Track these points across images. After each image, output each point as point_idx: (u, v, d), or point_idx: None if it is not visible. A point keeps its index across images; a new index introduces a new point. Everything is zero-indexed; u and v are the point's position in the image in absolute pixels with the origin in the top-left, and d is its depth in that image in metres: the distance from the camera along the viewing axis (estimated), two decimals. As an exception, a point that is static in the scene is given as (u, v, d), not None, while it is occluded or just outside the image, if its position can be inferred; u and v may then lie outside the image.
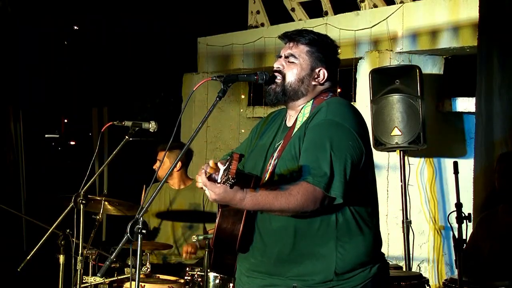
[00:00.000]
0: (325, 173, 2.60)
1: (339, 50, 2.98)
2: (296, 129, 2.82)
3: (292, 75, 2.86)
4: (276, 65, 2.90)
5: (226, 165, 2.47)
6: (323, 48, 2.89)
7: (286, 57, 2.88)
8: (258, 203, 2.57)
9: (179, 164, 5.32)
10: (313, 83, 2.87)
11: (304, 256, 2.73)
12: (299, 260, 2.74)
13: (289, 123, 2.91)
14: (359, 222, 2.77)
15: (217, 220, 2.75)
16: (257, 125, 3.12)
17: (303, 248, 2.73)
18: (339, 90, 5.66)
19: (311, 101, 2.87)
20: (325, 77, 2.88)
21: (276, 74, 2.87)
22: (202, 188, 2.61)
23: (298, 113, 2.87)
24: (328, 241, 2.72)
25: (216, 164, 2.65)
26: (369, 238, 2.80)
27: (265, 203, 2.56)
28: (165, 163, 5.23)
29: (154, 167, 5.33)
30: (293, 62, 2.86)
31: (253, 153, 2.96)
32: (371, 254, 2.79)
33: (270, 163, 2.81)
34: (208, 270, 4.30)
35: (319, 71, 2.87)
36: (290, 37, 2.91)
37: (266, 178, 2.79)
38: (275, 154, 2.82)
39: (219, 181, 2.50)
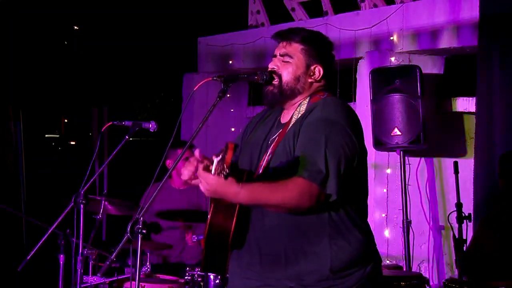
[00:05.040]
0: (321, 170, 2.60)
1: (333, 46, 2.97)
2: (291, 125, 2.82)
3: (288, 75, 2.85)
4: (271, 66, 2.90)
5: (221, 156, 2.42)
6: (317, 45, 2.89)
7: (281, 56, 2.88)
8: (254, 198, 2.56)
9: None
10: (309, 80, 2.87)
11: (299, 255, 2.72)
12: (294, 259, 2.73)
13: (284, 120, 2.91)
14: (352, 220, 2.76)
15: (208, 216, 2.68)
16: (251, 122, 3.11)
17: (297, 247, 2.72)
18: (338, 90, 5.66)
19: (307, 99, 2.87)
20: (321, 74, 2.88)
21: (272, 75, 2.87)
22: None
23: (294, 110, 2.87)
24: (321, 239, 2.71)
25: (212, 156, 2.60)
26: (363, 235, 2.79)
27: (261, 197, 2.56)
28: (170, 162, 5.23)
29: (167, 165, 5.22)
30: (288, 62, 2.86)
31: (247, 148, 2.95)
32: (365, 251, 2.79)
33: (264, 159, 2.80)
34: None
35: (314, 68, 2.87)
36: (283, 36, 2.91)
37: (260, 173, 2.77)
38: (269, 150, 2.81)
39: (213, 172, 2.46)
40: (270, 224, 2.74)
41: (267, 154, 2.80)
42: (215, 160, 2.45)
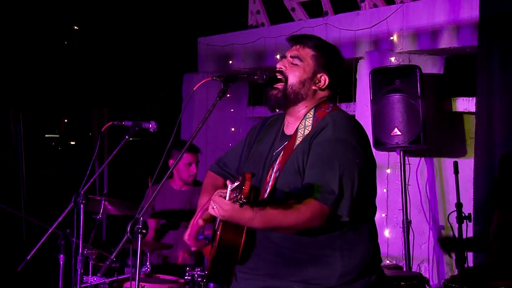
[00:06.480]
0: (333, 191, 2.62)
1: (343, 60, 3.00)
2: (297, 141, 2.81)
3: (294, 77, 2.86)
4: (278, 66, 2.89)
5: (236, 184, 2.47)
6: (328, 55, 2.91)
7: (292, 57, 2.88)
8: (268, 222, 2.58)
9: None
10: (314, 87, 2.88)
11: (308, 262, 2.74)
12: (303, 265, 2.74)
13: (288, 131, 2.90)
14: (362, 233, 2.79)
15: (218, 232, 2.69)
16: (253, 129, 3.10)
17: (307, 255, 2.74)
18: (338, 90, 5.64)
19: (312, 111, 2.86)
20: (326, 83, 2.89)
21: (277, 74, 2.87)
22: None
23: (299, 123, 2.86)
24: (332, 249, 2.74)
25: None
26: (371, 246, 2.83)
27: (275, 222, 2.58)
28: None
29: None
30: (296, 65, 2.87)
31: (251, 160, 2.95)
32: (372, 262, 2.82)
33: (271, 175, 2.80)
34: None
35: (320, 76, 2.88)
36: (297, 40, 2.93)
37: (267, 191, 2.77)
38: (276, 166, 2.80)
39: (227, 199, 2.49)
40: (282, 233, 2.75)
41: (274, 171, 2.80)
42: (229, 187, 2.50)
